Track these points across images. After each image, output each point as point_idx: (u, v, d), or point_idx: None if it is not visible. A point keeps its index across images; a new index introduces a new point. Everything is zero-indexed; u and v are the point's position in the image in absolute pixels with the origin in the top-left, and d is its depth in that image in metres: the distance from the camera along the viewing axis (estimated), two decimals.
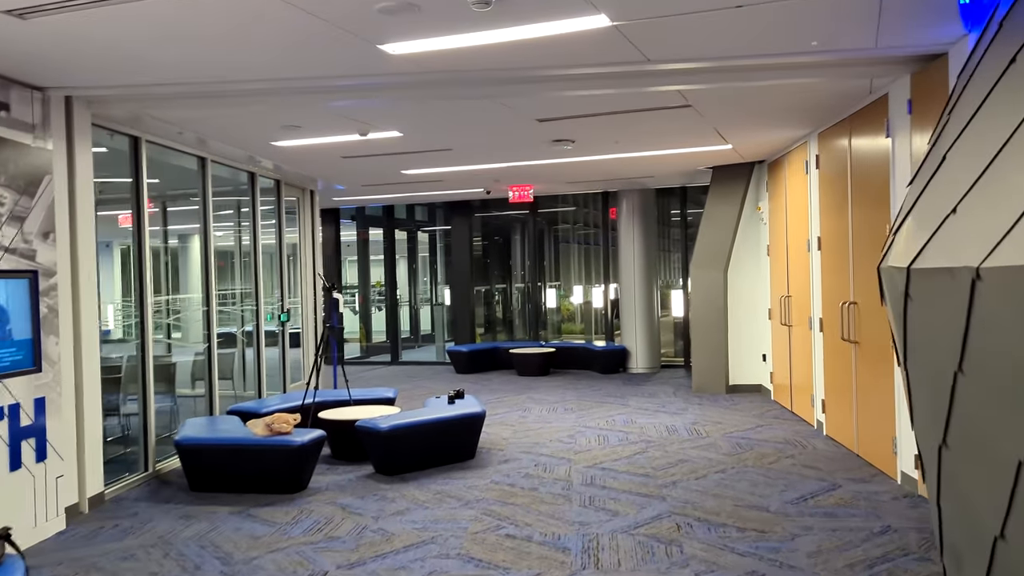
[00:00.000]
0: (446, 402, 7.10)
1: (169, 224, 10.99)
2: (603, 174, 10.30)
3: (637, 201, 12.06)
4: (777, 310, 8.90)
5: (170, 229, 12.94)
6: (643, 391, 10.18)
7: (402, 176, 9.84)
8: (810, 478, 5.84)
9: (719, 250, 9.82)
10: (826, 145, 7.10)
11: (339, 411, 7.03)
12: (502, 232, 16.14)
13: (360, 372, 13.06)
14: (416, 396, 10.30)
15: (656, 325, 12.22)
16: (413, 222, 17.01)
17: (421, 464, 6.41)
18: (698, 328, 9.94)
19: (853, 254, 6.36)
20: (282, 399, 7.65)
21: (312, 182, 10.19)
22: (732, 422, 7.99)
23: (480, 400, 7.29)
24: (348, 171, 9.31)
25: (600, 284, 14.27)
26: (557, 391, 10.35)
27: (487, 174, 9.93)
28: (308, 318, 10.18)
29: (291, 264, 10.35)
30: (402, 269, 17.76)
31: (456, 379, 11.81)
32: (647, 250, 12.09)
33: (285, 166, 8.78)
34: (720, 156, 9.06)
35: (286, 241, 9.53)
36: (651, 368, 12.08)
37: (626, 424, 8.04)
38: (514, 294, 15.78)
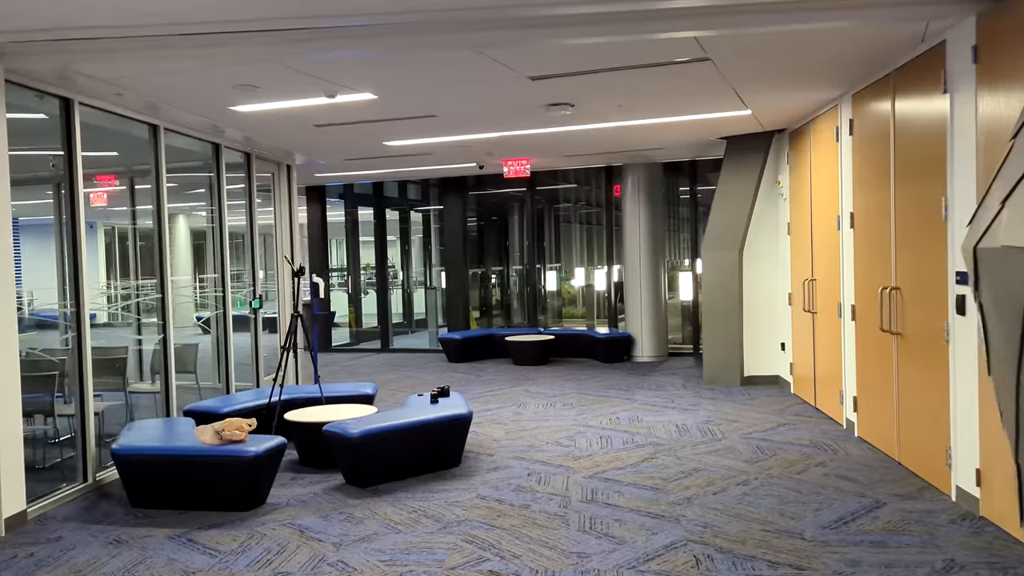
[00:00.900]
0: (428, 401, 6.29)
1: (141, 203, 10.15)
2: (606, 146, 9.43)
3: (643, 177, 11.19)
4: (799, 295, 8.05)
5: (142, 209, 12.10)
6: (650, 383, 9.36)
7: (385, 149, 8.98)
8: (847, 492, 5.02)
9: (734, 229, 8.97)
10: (862, 108, 6.23)
11: (307, 412, 6.22)
12: (499, 211, 15.28)
13: (348, 361, 12.26)
14: (403, 389, 9.49)
15: (663, 310, 11.39)
16: (405, 201, 16.14)
17: (398, 473, 5.61)
18: (711, 315, 9.11)
19: (896, 233, 5.51)
20: (251, 395, 6.84)
21: (288, 156, 9.33)
22: (750, 420, 7.18)
23: (467, 399, 6.48)
24: (325, 143, 8.45)
25: (603, 266, 13.43)
26: (556, 383, 9.54)
27: (478, 146, 9.06)
28: (286, 304, 9.36)
29: (266, 246, 9.51)
30: (395, 251, 16.93)
31: (448, 368, 11.00)
32: (654, 229, 11.23)
33: (254, 137, 7.92)
34: (736, 124, 8.18)
35: (260, 221, 8.69)
36: (658, 356, 11.26)
37: (632, 423, 7.22)
38: (512, 277, 14.95)
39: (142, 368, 7.90)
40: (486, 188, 14.38)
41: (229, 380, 7.83)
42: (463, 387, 9.44)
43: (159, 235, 6.83)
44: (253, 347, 8.55)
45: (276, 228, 9.35)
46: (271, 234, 9.39)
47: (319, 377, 9.33)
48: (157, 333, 6.78)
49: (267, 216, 9.33)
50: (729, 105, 7.02)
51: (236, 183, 8.57)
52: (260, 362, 8.59)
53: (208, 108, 6.42)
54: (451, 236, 12.85)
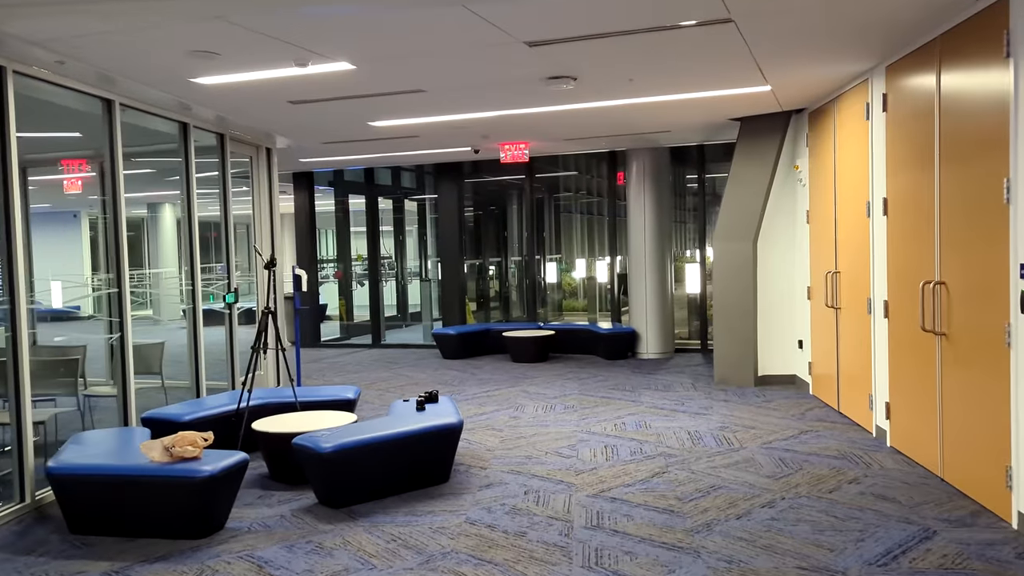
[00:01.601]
0: (414, 408, 5.64)
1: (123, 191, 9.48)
2: (610, 127, 8.75)
3: (648, 162, 10.52)
4: (820, 289, 7.40)
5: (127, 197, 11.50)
6: (656, 382, 8.71)
7: (372, 130, 8.30)
8: (890, 517, 4.38)
9: (747, 218, 8.31)
10: (898, 81, 5.56)
11: (278, 421, 5.57)
12: (497, 200, 14.62)
13: (336, 357, 11.62)
14: (393, 389, 8.85)
15: (670, 304, 10.74)
16: (399, 189, 15.47)
17: (378, 492, 4.97)
18: (722, 309, 8.45)
19: (941, 221, 4.85)
20: (222, 399, 6.19)
21: (268, 138, 8.66)
22: (769, 426, 6.53)
23: (457, 406, 5.83)
24: (305, 123, 7.78)
25: (605, 257, 12.77)
26: (556, 382, 8.89)
27: (473, 127, 8.39)
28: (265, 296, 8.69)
29: (248, 236, 8.85)
30: (389, 242, 16.27)
31: (442, 366, 10.36)
32: (660, 218, 10.57)
33: (227, 116, 7.26)
34: (753, 103, 7.51)
35: (240, 209, 8.03)
36: (664, 353, 10.62)
37: (639, 429, 6.58)
38: (510, 268, 14.30)
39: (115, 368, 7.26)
40: (483, 175, 13.70)
41: (200, 382, 7.18)
42: (457, 386, 8.80)
43: (115, 224, 6.18)
44: (228, 345, 7.90)
45: (255, 217, 8.69)
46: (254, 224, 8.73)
47: (297, 379, 8.66)
48: (109, 332, 6.13)
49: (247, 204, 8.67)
50: (749, 79, 6.35)
51: (212, 169, 7.92)
52: (236, 361, 7.94)
53: (167, 80, 5.75)
54: (446, 225, 12.19)
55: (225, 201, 7.88)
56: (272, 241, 8.90)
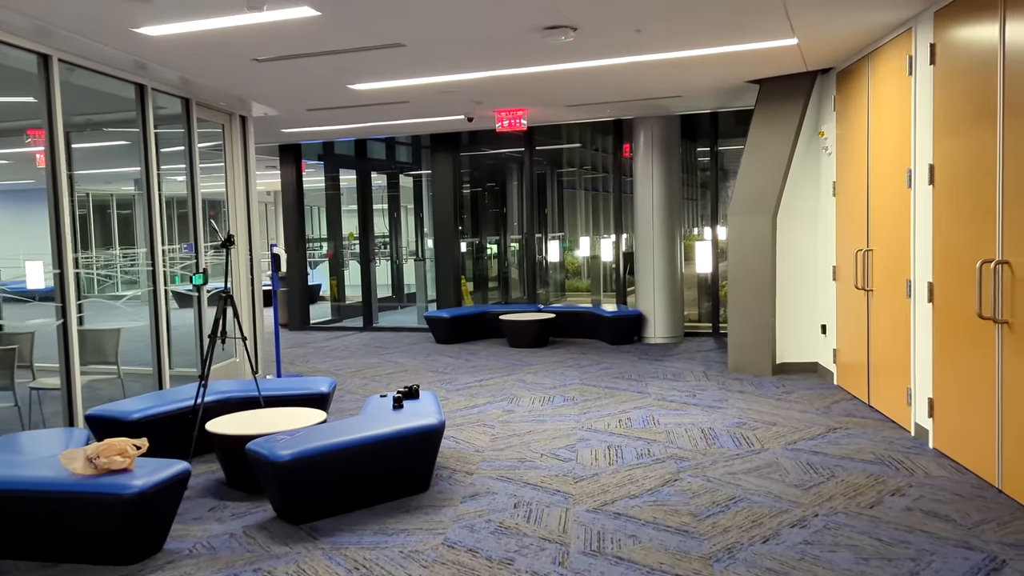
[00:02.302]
0: (391, 405, 4.96)
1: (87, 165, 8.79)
2: (616, 92, 8.00)
3: (657, 132, 9.77)
4: (848, 269, 6.68)
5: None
6: (665, 370, 8.02)
7: (354, 95, 7.57)
8: (946, 541, 3.69)
9: (766, 190, 7.57)
10: (950, 29, 4.80)
11: (235, 420, 4.90)
12: (496, 175, 13.88)
13: (324, 341, 10.95)
14: (379, 378, 8.17)
15: (679, 285, 10.03)
16: (394, 163, 14.74)
17: (345, 504, 4.30)
18: (737, 291, 7.74)
19: (1005, 190, 4.13)
20: (184, 393, 5.52)
21: (242, 105, 7.93)
22: (791, 423, 5.85)
23: (439, 403, 5.14)
24: (278, 86, 7.05)
25: (611, 235, 12.06)
26: (556, 370, 8.21)
27: (463, 91, 7.64)
28: (242, 280, 8.02)
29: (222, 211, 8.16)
30: (383, 219, 15.56)
31: (434, 351, 9.68)
32: (669, 193, 9.83)
33: (190, 77, 6.53)
34: (775, 61, 6.76)
35: (203, 181, 7.33)
36: (672, 337, 9.92)
37: (646, 426, 5.90)
38: (510, 247, 13.59)
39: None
40: (480, 148, 12.96)
41: (162, 372, 6.52)
42: (448, 374, 8.12)
43: (55, 199, 5.48)
44: (197, 330, 7.23)
45: (228, 192, 7.99)
46: (228, 199, 8.03)
47: (277, 366, 8.01)
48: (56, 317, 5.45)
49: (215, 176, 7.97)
50: (774, 29, 5.60)
51: (185, 140, 7.21)
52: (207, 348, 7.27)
53: (108, 32, 5.03)
54: (441, 201, 11.46)
55: (192, 173, 7.17)
56: (248, 218, 8.21)
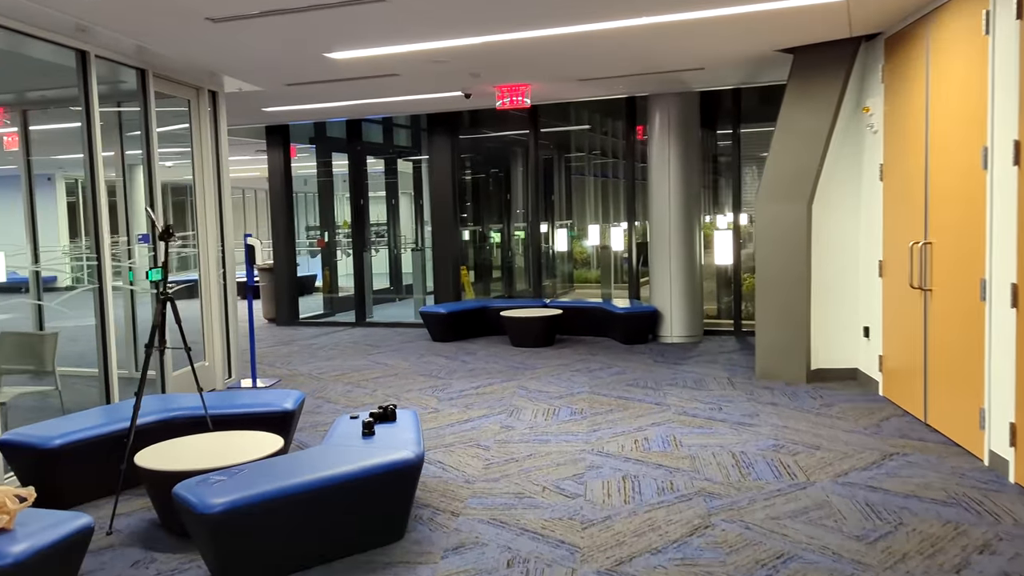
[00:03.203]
0: (360, 431, 4.12)
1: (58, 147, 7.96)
2: (629, 63, 7.10)
3: (675, 111, 8.86)
4: (901, 264, 5.79)
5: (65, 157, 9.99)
6: (685, 376, 7.16)
7: (335, 67, 6.69)
8: None
9: (800, 174, 6.67)
10: None
11: (170, 449, 4.06)
12: (499, 160, 13.00)
13: (312, 338, 10.12)
14: (364, 383, 7.33)
15: (698, 279, 9.15)
16: (392, 147, 13.88)
17: (296, 561, 3.46)
18: (767, 287, 6.87)
19: None
20: (126, 411, 4.68)
21: (212, 79, 7.08)
22: (838, 446, 4.98)
23: (419, 427, 4.28)
24: (243, 54, 6.18)
25: (622, 223, 11.20)
26: (562, 375, 7.35)
27: (458, 61, 6.76)
28: (211, 275, 7.18)
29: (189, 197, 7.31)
30: (380, 207, 14.72)
31: (429, 350, 8.83)
32: (687, 177, 8.94)
33: (141, 42, 5.67)
34: (815, 24, 5.86)
35: (160, 162, 6.48)
36: (691, 336, 9.04)
37: (667, 448, 5.05)
38: (514, 236, 12.73)
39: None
40: (482, 130, 12.08)
41: (109, 384, 5.68)
42: (442, 379, 7.27)
43: None
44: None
45: (195, 175, 7.13)
46: (195, 185, 7.18)
47: (252, 369, 7.19)
48: None
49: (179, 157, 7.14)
50: None
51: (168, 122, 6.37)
52: (166, 352, 6.44)
53: None
54: (439, 187, 10.59)
55: (149, 155, 6.32)
56: (220, 206, 7.36)
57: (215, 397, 4.92)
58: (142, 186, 6.43)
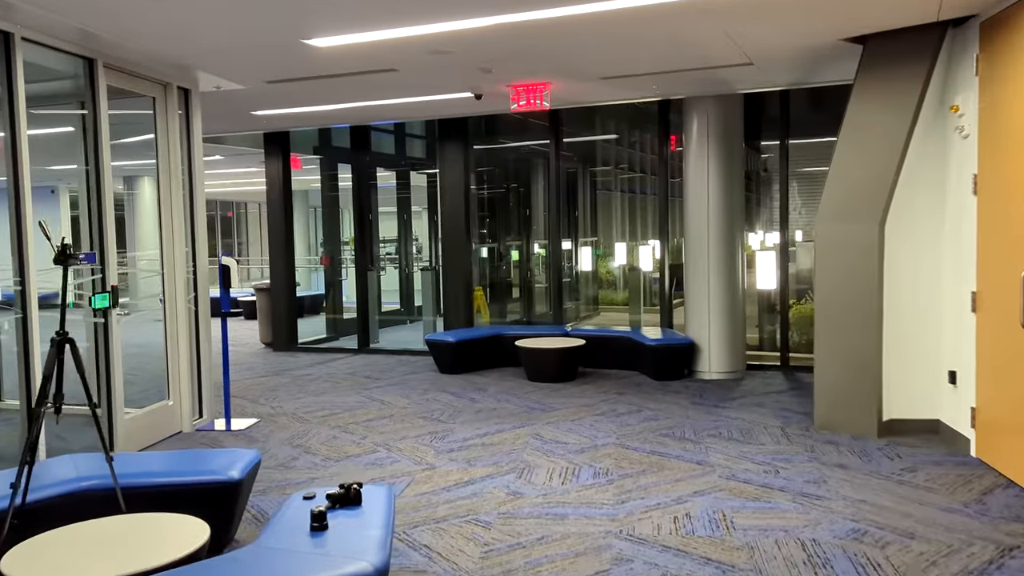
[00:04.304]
0: (308, 525, 3.08)
1: None
2: (664, 55, 6.07)
3: (714, 116, 7.81)
4: (1002, 298, 4.67)
5: None
6: (729, 424, 6.07)
7: (317, 57, 5.72)
8: None
9: (871, 188, 5.59)
10: None
11: (51, 545, 3.04)
12: (518, 173, 12.01)
13: (308, 367, 9.13)
14: (353, 427, 6.30)
15: (740, 307, 8.05)
16: (404, 159, 12.95)
17: None
18: (829, 320, 5.77)
19: None
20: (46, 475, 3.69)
21: (183, 73, 6.14)
22: (936, 532, 3.87)
23: (390, 514, 3.23)
24: (207, 39, 5.23)
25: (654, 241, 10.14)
26: (585, 420, 6.28)
27: (464, 52, 5.76)
28: (178, 300, 6.22)
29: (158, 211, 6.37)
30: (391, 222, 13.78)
31: (434, 384, 7.80)
32: (728, 191, 7.87)
33: (87, 27, 4.73)
34: (895, 6, 4.79)
35: (110, 170, 5.54)
36: (732, 372, 7.93)
37: (715, 530, 3.96)
38: (534, 254, 11.71)
39: None
40: (499, 139, 11.11)
41: None
42: (444, 423, 6.24)
43: None
44: (100, 366, 5.43)
45: (160, 185, 6.19)
46: (160, 196, 6.24)
47: (226, 407, 6.21)
48: None
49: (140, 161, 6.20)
50: None
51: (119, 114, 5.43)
52: (115, 388, 5.47)
53: None
54: (450, 200, 9.60)
55: (97, 160, 5.37)
56: (191, 220, 6.41)
57: (141, 460, 3.91)
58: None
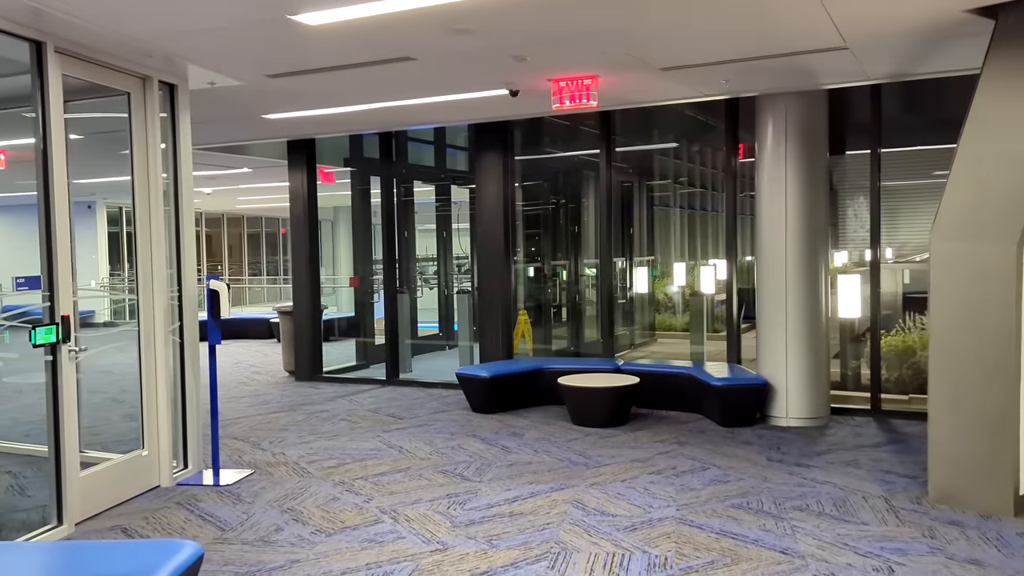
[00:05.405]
0: None
1: None
2: (738, 38, 4.96)
3: (794, 116, 6.64)
4: None
5: None
6: (816, 490, 4.87)
7: (308, 37, 4.75)
8: None
9: (1005, 199, 4.38)
10: None
11: None
12: (566, 185, 10.94)
13: (328, 401, 8.16)
14: (359, 484, 5.26)
15: (824, 338, 6.82)
16: (444, 171, 12.01)
17: None
18: (947, 363, 4.56)
19: None
20: None
21: (167, 65, 5.24)
22: None
23: None
24: (176, 15, 4.30)
25: (718, 261, 9.00)
26: (638, 482, 5.15)
27: (486, 26, 4.73)
28: (157, 331, 5.29)
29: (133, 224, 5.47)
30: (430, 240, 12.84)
31: (462, 428, 6.74)
32: (811, 205, 6.68)
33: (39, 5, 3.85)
34: None
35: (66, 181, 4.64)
36: (814, 418, 6.70)
37: None
38: (583, 275, 10.61)
39: None
40: (541, 148, 10.08)
41: None
42: (467, 482, 5.17)
43: None
44: (49, 423, 4.50)
45: (134, 194, 5.27)
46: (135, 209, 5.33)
47: (214, 461, 5.26)
48: None
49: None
50: None
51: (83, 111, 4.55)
52: (64, 441, 4.53)
53: None
54: (487, 215, 8.58)
55: (46, 163, 4.47)
56: (176, 239, 5.50)
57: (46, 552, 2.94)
58: None
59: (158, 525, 4.58)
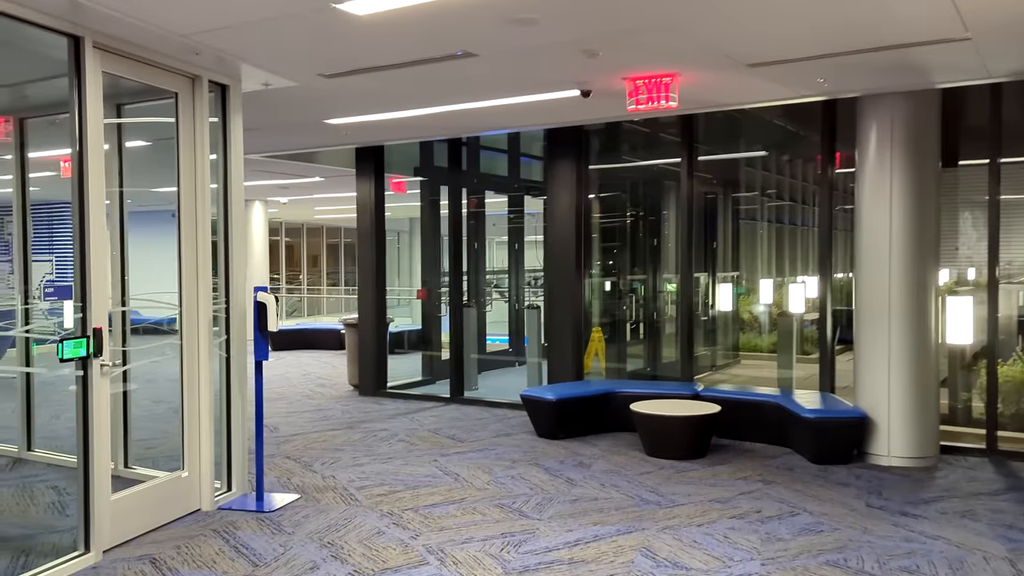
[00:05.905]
0: None
1: None
2: (841, 31, 4.35)
3: (901, 119, 5.95)
4: None
5: None
6: (926, 548, 4.20)
7: (362, 33, 4.38)
8: None
9: None
10: None
11: None
12: (644, 197, 10.37)
13: (389, 419, 7.80)
14: (407, 516, 4.83)
15: (932, 367, 6.08)
16: (516, 181, 11.59)
17: None
18: None
19: None
20: None
21: (218, 65, 4.97)
22: None
23: None
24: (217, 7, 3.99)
25: (809, 277, 8.31)
26: (717, 527, 4.57)
27: (548, 18, 4.27)
28: (198, 342, 5.00)
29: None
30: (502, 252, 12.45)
31: (525, 456, 6.25)
32: (919, 218, 5.96)
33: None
34: None
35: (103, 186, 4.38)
36: (920, 457, 5.96)
37: None
38: (662, 291, 10.00)
39: None
40: (622, 157, 9.55)
41: None
42: (524, 519, 4.68)
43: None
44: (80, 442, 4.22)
45: (179, 203, 5.00)
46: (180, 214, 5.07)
47: (258, 481, 4.92)
48: None
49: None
50: None
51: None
52: (95, 462, 4.25)
53: None
54: (558, 227, 8.10)
55: (81, 163, 4.21)
56: (227, 247, 5.22)
57: None
58: None
59: (189, 556, 4.25)
